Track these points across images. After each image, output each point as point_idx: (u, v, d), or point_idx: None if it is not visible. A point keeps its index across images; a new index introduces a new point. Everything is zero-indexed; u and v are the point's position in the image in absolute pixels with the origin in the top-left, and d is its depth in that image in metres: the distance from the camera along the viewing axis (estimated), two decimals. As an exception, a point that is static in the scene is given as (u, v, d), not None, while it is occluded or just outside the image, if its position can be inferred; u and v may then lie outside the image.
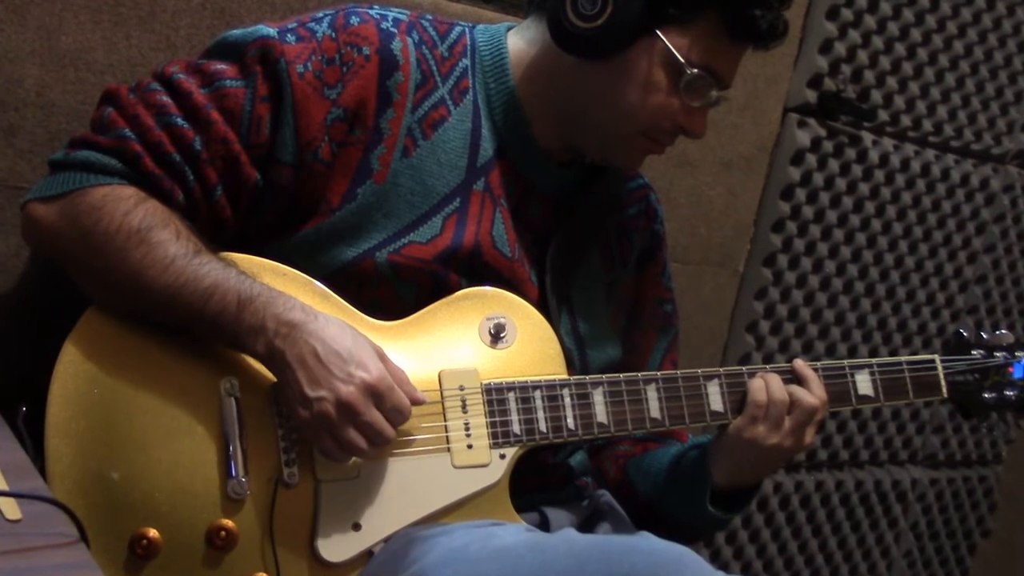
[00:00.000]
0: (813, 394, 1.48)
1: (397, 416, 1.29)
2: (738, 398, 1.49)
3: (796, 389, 1.48)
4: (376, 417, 1.27)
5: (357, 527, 1.31)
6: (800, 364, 1.51)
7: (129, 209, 1.28)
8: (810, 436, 1.48)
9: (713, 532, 2.28)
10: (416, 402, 1.31)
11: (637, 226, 1.64)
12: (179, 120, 1.32)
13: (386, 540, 1.31)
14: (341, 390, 1.25)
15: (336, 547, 1.30)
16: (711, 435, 1.56)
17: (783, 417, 1.46)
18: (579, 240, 1.56)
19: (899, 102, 2.45)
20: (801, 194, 2.39)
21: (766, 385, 1.47)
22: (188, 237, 1.30)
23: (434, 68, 1.43)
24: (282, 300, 1.28)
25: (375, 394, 1.27)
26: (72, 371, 1.27)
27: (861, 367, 1.54)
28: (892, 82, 2.43)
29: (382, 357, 1.30)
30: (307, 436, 1.29)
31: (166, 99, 1.33)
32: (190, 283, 1.26)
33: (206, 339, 1.30)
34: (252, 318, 1.26)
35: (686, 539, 1.29)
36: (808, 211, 2.41)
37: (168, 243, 1.28)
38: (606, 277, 1.61)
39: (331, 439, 1.27)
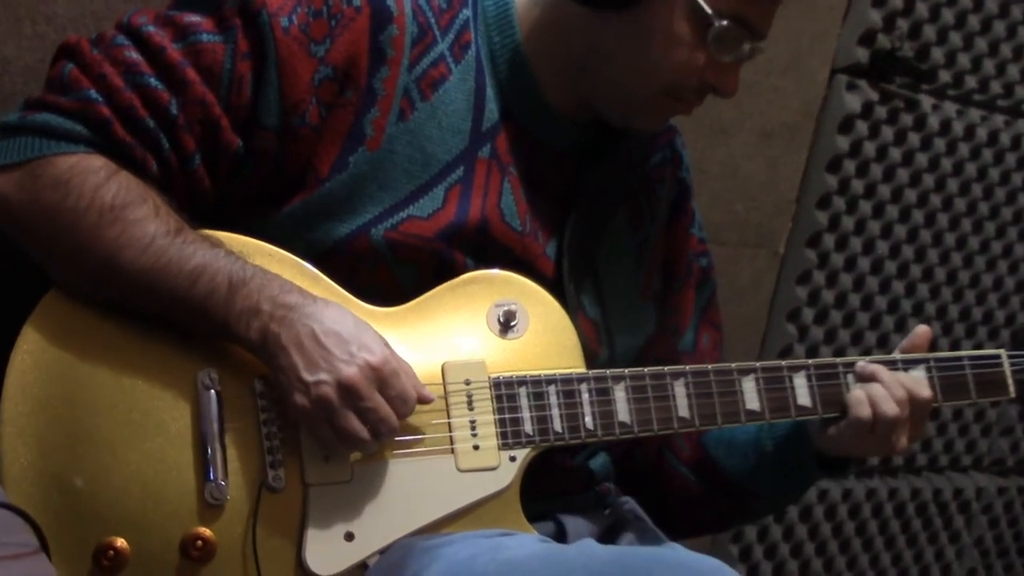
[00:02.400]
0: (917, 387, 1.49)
1: (402, 405, 1.30)
2: (777, 396, 1.49)
3: (911, 386, 1.48)
4: (380, 402, 1.28)
5: (350, 537, 1.32)
6: (866, 367, 1.51)
7: (100, 183, 1.29)
8: (903, 439, 1.51)
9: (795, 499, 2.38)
10: (424, 400, 1.32)
11: (663, 175, 1.65)
12: (152, 80, 1.33)
13: (382, 551, 1.32)
14: (343, 371, 1.26)
15: (326, 559, 1.30)
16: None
17: (896, 427, 1.48)
18: (603, 202, 1.57)
19: (963, 61, 2.45)
20: (850, 166, 2.39)
21: (869, 399, 1.48)
22: (168, 214, 1.30)
23: (432, 20, 1.43)
24: (278, 282, 1.30)
25: (379, 378, 1.28)
26: (31, 361, 1.28)
27: (916, 362, 1.54)
28: (955, 38, 2.42)
29: (388, 348, 1.31)
30: (304, 425, 1.30)
31: (135, 56, 1.33)
32: (173, 264, 1.27)
33: (185, 326, 1.31)
34: (245, 301, 1.27)
35: (763, 512, 1.28)
36: (858, 185, 2.41)
37: (147, 221, 1.28)
38: (635, 238, 1.61)
39: (330, 428, 1.28)
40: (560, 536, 1.50)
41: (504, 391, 1.39)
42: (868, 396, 1.48)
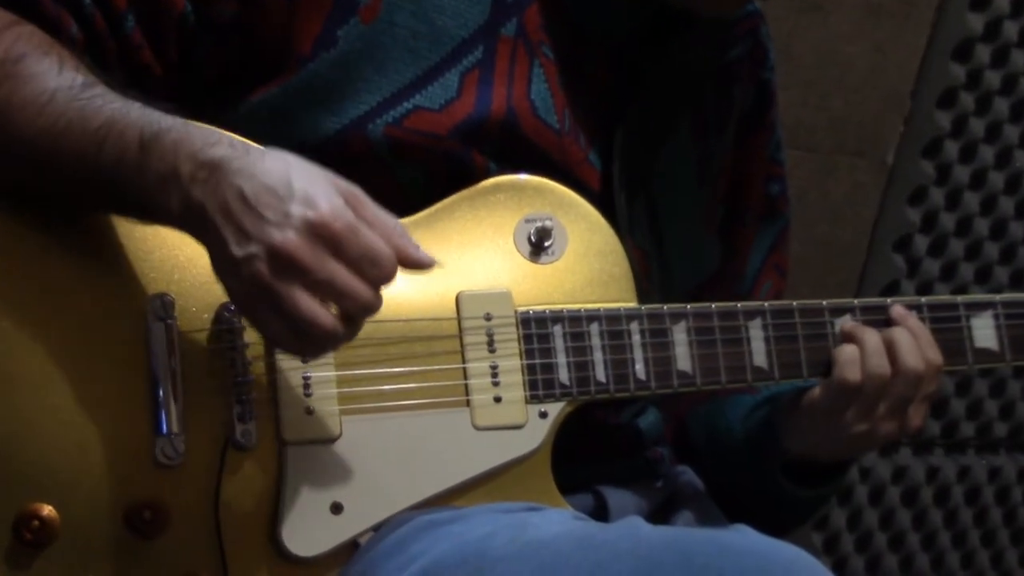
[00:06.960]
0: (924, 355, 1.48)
1: (370, 268, 1.21)
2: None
3: (899, 344, 1.47)
4: (334, 270, 1.19)
5: (337, 509, 1.33)
6: (901, 312, 1.50)
7: None
8: (917, 418, 1.49)
9: (795, 520, 2.23)
10: (411, 261, 1.23)
11: (739, 74, 1.65)
12: None
13: (376, 527, 1.33)
14: (274, 237, 1.17)
15: (307, 536, 1.31)
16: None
17: (880, 397, 1.47)
18: (664, 103, 1.57)
19: None
20: (983, 53, 2.37)
21: (862, 355, 1.46)
22: (76, 68, 1.29)
23: None
24: (201, 135, 1.23)
25: (329, 238, 1.18)
26: (-67, 283, 1.28)
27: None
28: None
29: (354, 200, 1.22)
30: (249, 320, 1.26)
31: None
32: (75, 124, 1.25)
33: (112, 210, 1.29)
34: (160, 163, 1.22)
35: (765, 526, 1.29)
36: (992, 78, 2.39)
37: (46, 75, 1.28)
38: (697, 151, 1.61)
39: (278, 318, 1.20)
40: (600, 512, 1.52)
41: (534, 329, 1.40)
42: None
